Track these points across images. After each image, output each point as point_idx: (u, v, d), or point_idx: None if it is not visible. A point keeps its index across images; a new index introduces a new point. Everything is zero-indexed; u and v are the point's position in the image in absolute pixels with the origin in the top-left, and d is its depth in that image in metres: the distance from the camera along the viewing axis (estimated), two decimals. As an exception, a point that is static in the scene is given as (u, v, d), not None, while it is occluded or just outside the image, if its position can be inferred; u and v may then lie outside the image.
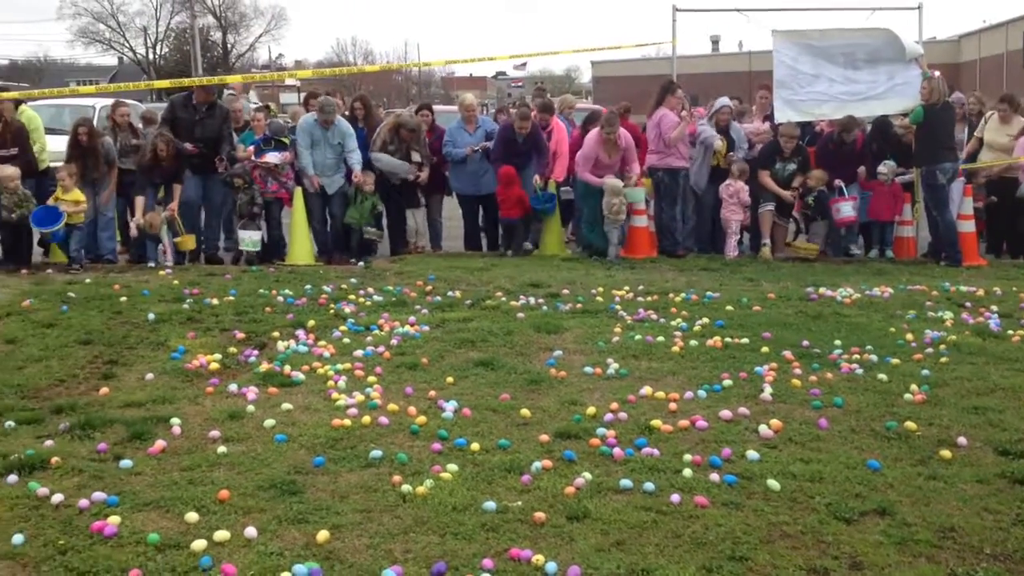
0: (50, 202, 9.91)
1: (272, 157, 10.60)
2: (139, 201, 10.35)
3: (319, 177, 10.66)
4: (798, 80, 11.39)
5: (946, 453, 4.70)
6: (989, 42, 52.43)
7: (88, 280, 9.10)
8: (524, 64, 67.52)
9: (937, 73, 11.09)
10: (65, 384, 5.93)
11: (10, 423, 5.09)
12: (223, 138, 10.78)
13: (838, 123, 10.93)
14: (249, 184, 10.59)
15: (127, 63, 72.11)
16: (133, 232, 10.33)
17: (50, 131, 16.09)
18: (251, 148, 10.75)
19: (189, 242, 10.58)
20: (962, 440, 4.87)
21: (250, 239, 10.64)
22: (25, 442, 4.83)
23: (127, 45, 70.46)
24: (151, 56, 69.38)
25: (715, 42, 59.56)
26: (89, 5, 67.57)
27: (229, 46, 71.96)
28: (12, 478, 4.34)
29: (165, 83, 14.09)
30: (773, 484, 4.29)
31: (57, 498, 4.10)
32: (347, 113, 11.56)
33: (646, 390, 5.71)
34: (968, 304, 8.15)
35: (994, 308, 7.94)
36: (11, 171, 9.84)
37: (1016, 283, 9.13)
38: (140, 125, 11.81)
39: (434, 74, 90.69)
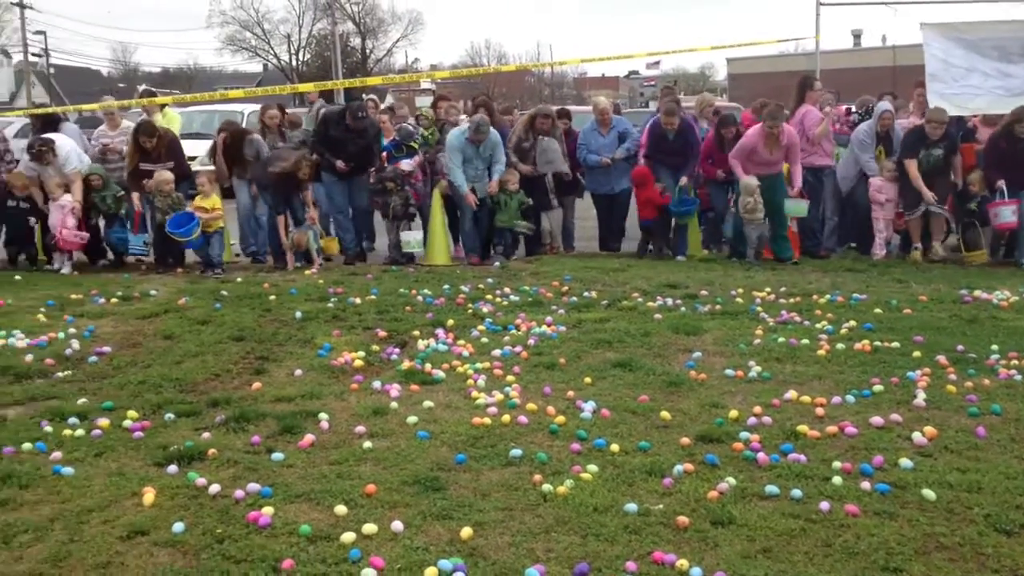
0: (189, 208, 10.24)
1: (406, 164, 10.76)
2: (282, 221, 10.45)
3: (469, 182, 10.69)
4: (951, 73, 10.92)
5: (1117, 466, 4.42)
6: None
7: (239, 279, 9.50)
8: (657, 63, 66.92)
9: None
10: (220, 378, 6.18)
11: (170, 415, 5.34)
12: (374, 154, 10.91)
13: (1012, 114, 10.25)
14: (401, 187, 10.67)
15: (271, 69, 74.83)
16: (291, 263, 10.45)
17: (204, 136, 16.98)
18: (383, 154, 10.92)
19: (333, 245, 10.87)
20: None
21: (415, 239, 10.69)
22: (184, 434, 5.06)
23: (272, 52, 73.19)
24: (294, 62, 71.82)
25: (857, 36, 57.41)
26: (236, 14, 70.59)
27: (367, 51, 73.83)
28: (172, 468, 4.55)
29: (309, 86, 14.59)
30: (928, 494, 4.12)
31: (214, 488, 4.26)
32: (465, 117, 11.57)
33: (791, 394, 5.57)
34: None
35: None
36: (166, 175, 10.32)
37: None
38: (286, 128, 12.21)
39: (566, 75, 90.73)
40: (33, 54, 59.03)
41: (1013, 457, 4.60)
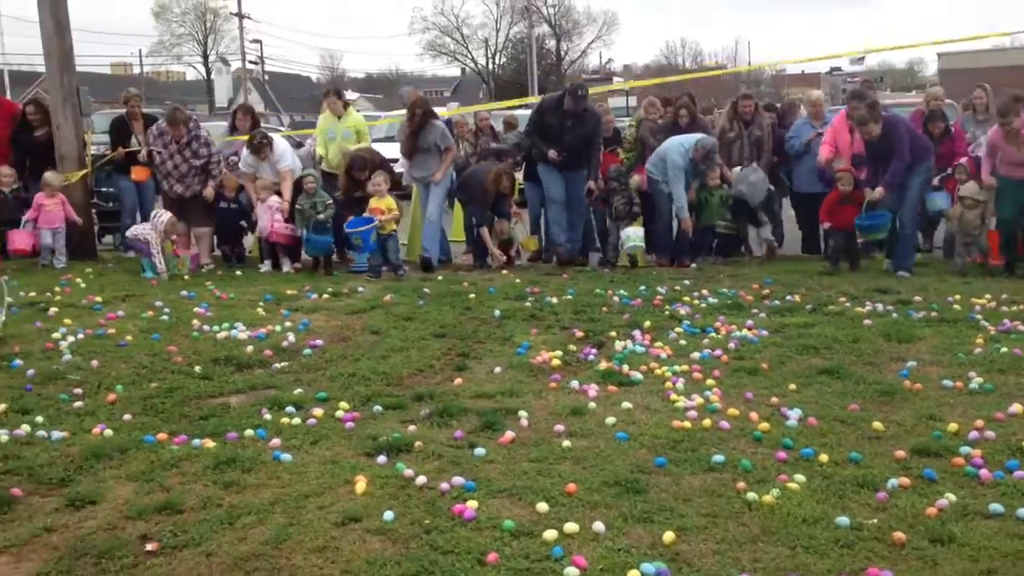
0: (366, 213, 10.20)
1: None
2: (485, 234, 10.44)
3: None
4: None
5: None
6: None
7: (440, 278, 9.77)
8: (862, 59, 64.30)
9: None
10: (423, 373, 6.36)
11: (378, 407, 5.54)
12: (594, 145, 10.56)
13: None
14: (625, 186, 10.56)
15: (469, 73, 76.82)
16: (497, 257, 10.51)
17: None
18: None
19: (532, 243, 10.98)
20: None
21: (636, 236, 10.42)
22: (391, 425, 5.24)
23: (469, 56, 75.13)
24: (491, 66, 73.40)
25: (1084, 26, 53.32)
26: (437, 19, 72.90)
27: (562, 53, 74.50)
28: (382, 458, 4.71)
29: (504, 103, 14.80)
30: None
31: (421, 480, 4.39)
32: (660, 120, 11.33)
33: (1016, 408, 5.20)
34: None
35: None
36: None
37: None
38: (501, 129, 12.37)
39: (764, 72, 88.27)
40: (250, 62, 63.00)
41: None
